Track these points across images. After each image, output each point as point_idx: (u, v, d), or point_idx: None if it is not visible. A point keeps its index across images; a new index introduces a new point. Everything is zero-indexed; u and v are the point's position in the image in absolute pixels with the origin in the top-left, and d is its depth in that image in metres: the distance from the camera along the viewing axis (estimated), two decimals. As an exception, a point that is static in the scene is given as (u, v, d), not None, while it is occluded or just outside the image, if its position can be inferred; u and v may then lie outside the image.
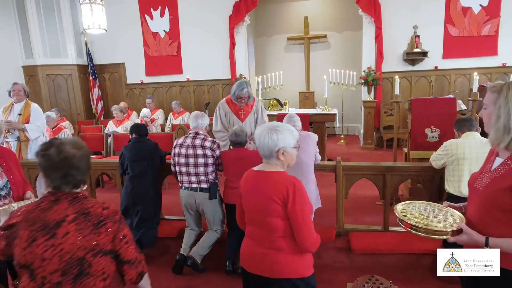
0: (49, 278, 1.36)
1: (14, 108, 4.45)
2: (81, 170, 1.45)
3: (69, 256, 1.36)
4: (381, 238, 3.45)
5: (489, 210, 1.44)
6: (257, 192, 1.77)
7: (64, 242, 1.36)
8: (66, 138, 1.53)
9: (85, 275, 1.39)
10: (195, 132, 3.31)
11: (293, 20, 9.59)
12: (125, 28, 8.22)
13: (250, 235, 1.87)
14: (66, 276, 1.36)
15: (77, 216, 1.40)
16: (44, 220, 1.38)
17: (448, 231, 1.47)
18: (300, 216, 1.68)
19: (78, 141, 1.51)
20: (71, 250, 1.36)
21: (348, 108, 8.53)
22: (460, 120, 3.08)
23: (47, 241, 1.36)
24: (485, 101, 1.52)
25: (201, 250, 3.28)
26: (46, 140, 5.89)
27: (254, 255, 1.81)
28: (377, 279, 2.19)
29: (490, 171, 1.51)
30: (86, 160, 1.48)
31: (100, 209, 1.45)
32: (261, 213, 1.75)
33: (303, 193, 1.71)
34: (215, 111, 4.12)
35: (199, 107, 8.20)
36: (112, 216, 1.47)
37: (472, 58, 7.08)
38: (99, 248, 1.40)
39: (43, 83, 7.97)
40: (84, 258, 1.38)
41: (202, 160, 3.21)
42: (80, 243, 1.37)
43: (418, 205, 1.73)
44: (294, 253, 1.74)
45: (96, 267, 1.40)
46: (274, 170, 1.79)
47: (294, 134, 1.82)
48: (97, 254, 1.40)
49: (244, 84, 3.88)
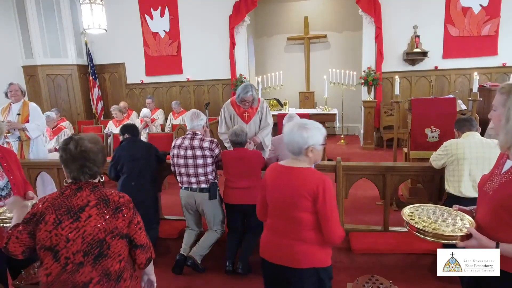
0: (72, 259, 1.51)
1: (12, 109, 4.45)
2: (96, 162, 1.61)
3: (91, 238, 1.52)
4: (381, 238, 3.45)
5: (498, 214, 1.41)
6: (283, 186, 1.84)
7: (87, 224, 1.53)
8: (84, 134, 1.68)
9: (104, 256, 1.54)
10: (192, 132, 3.30)
11: (293, 20, 9.58)
12: (125, 28, 8.22)
13: (272, 226, 1.94)
14: (87, 256, 1.51)
15: (98, 202, 1.57)
16: (68, 205, 1.55)
17: (457, 236, 1.45)
18: (329, 211, 1.76)
19: (95, 137, 1.69)
20: (93, 232, 1.52)
21: (348, 108, 8.53)
22: (460, 120, 3.08)
23: (71, 224, 1.52)
24: (494, 102, 1.48)
25: (201, 250, 3.28)
26: (47, 140, 5.88)
27: (276, 245, 1.88)
28: (377, 279, 2.20)
29: (500, 174, 1.48)
30: (101, 153, 1.65)
31: (117, 197, 1.62)
32: (287, 207, 1.82)
33: (332, 189, 1.79)
34: (220, 113, 4.11)
35: (199, 107, 8.18)
36: (128, 204, 1.63)
37: (472, 58, 7.08)
38: (117, 232, 1.56)
39: (43, 83, 7.96)
40: (104, 239, 1.54)
41: (201, 161, 3.21)
42: (101, 225, 1.54)
43: (426, 208, 1.70)
44: (318, 244, 1.82)
45: (114, 249, 1.56)
46: (302, 166, 1.85)
47: (322, 132, 1.88)
48: (115, 237, 1.56)
49: (250, 87, 3.84)
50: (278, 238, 1.88)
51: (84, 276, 1.51)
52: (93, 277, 1.52)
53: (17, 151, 4.43)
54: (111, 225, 1.55)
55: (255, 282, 3.15)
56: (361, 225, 3.71)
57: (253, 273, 3.26)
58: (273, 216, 1.94)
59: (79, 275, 1.51)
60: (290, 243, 1.83)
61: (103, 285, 1.54)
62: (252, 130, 4.03)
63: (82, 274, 1.51)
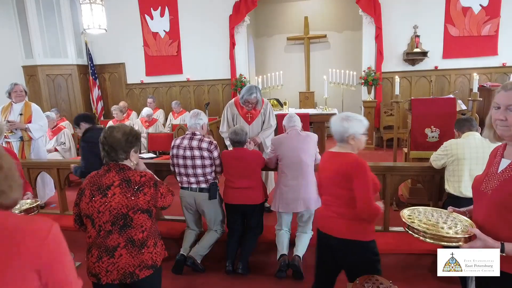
0: (103, 227, 1.87)
1: (13, 108, 4.46)
2: (117, 149, 1.92)
3: (116, 212, 1.85)
4: (381, 238, 3.41)
5: (501, 214, 1.40)
6: (330, 168, 2.16)
7: (112, 200, 1.86)
8: (115, 125, 2.02)
9: (128, 226, 1.88)
10: (191, 133, 3.27)
11: (293, 20, 9.58)
12: (125, 28, 8.22)
13: (324, 202, 2.28)
14: (114, 226, 1.87)
15: (121, 182, 1.89)
16: (99, 183, 1.90)
17: (461, 238, 1.43)
18: (361, 190, 2.01)
19: (124, 127, 2.00)
20: (117, 207, 1.85)
21: (348, 108, 8.50)
22: (460, 120, 3.08)
23: (101, 199, 1.86)
24: (498, 100, 1.43)
25: (201, 250, 3.28)
26: (47, 140, 5.90)
27: (325, 218, 2.23)
28: (377, 279, 2.19)
29: (496, 173, 1.46)
30: (124, 142, 1.94)
31: (138, 177, 1.93)
32: (332, 185, 2.15)
33: (365, 172, 2.03)
34: (223, 112, 4.09)
35: (199, 107, 8.17)
36: (148, 182, 1.94)
37: (472, 58, 7.07)
38: (137, 208, 1.88)
39: (43, 83, 7.96)
40: (127, 214, 1.86)
41: (200, 162, 3.20)
42: (123, 202, 1.86)
43: (423, 211, 1.68)
44: (354, 219, 2.08)
45: (136, 222, 1.89)
46: (345, 151, 2.14)
47: (363, 123, 2.14)
48: (136, 212, 1.88)
49: (254, 89, 3.82)
50: (327, 211, 2.21)
51: (113, 241, 1.87)
52: (120, 242, 1.88)
53: (18, 151, 4.45)
54: (132, 203, 1.87)
55: (255, 282, 3.16)
56: (361, 225, 3.70)
57: (253, 273, 3.26)
58: (323, 193, 2.30)
59: (109, 240, 1.87)
60: (333, 216, 2.15)
61: (128, 249, 1.89)
62: (254, 132, 4.02)
63: (111, 239, 1.87)
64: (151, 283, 1.99)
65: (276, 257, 3.19)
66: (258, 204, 3.34)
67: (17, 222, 1.08)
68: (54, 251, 1.10)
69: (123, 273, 1.89)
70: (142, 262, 1.91)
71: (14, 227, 1.06)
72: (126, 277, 1.89)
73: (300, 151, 3.18)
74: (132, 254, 1.89)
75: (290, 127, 3.32)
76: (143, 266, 1.92)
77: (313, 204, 3.19)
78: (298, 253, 3.15)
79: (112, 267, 1.88)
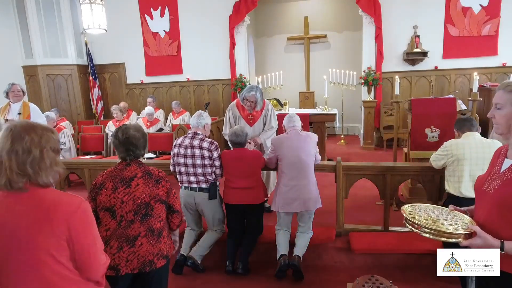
0: (125, 217, 1.99)
1: (11, 108, 4.48)
2: (138, 146, 2.10)
3: (140, 201, 1.99)
4: (381, 238, 3.45)
5: (503, 213, 1.40)
6: None
7: (136, 190, 2.00)
8: (130, 124, 2.18)
9: (149, 215, 2.01)
10: (193, 132, 3.28)
11: (293, 20, 9.58)
12: (125, 28, 8.21)
13: None
14: (136, 215, 1.99)
15: (143, 174, 2.05)
16: (122, 176, 2.04)
17: (461, 234, 1.43)
18: None
19: (137, 126, 2.17)
20: (140, 196, 1.99)
21: (348, 108, 8.53)
22: (460, 120, 3.07)
23: (125, 190, 2.00)
24: (498, 100, 1.44)
25: (201, 250, 3.28)
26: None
27: None
28: (377, 279, 2.19)
29: (499, 173, 1.46)
30: (142, 139, 2.12)
31: (157, 171, 2.10)
32: None
33: None
34: (225, 114, 4.09)
35: (199, 107, 8.19)
36: (165, 177, 2.12)
37: (472, 58, 7.07)
38: (158, 197, 2.04)
39: (43, 83, 7.96)
40: (149, 203, 2.01)
41: (200, 161, 3.20)
42: (147, 191, 2.01)
43: (424, 207, 1.69)
44: None
45: (156, 211, 2.04)
46: None
47: None
48: (157, 201, 2.04)
49: (255, 88, 3.83)
50: None
51: (134, 230, 1.99)
52: (141, 231, 2.00)
53: None
54: (154, 192, 2.03)
55: (255, 282, 3.16)
56: (361, 225, 3.71)
57: (253, 273, 3.26)
58: None
59: (130, 230, 1.98)
60: None
61: (148, 238, 2.00)
62: (256, 133, 4.03)
63: (132, 229, 1.99)
64: (165, 273, 2.13)
65: (276, 257, 3.19)
66: (258, 204, 3.34)
67: (53, 197, 1.27)
68: (81, 223, 1.26)
69: (143, 261, 1.99)
70: (160, 251, 2.04)
71: (50, 201, 1.25)
72: (145, 266, 1.99)
73: (300, 151, 3.18)
74: (152, 242, 2.01)
75: (290, 127, 3.33)
76: (160, 255, 2.04)
77: (313, 204, 3.19)
78: (298, 253, 3.15)
79: (132, 256, 1.98)
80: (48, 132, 1.32)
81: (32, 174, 1.24)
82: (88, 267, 1.32)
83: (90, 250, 1.31)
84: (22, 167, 1.22)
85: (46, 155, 1.28)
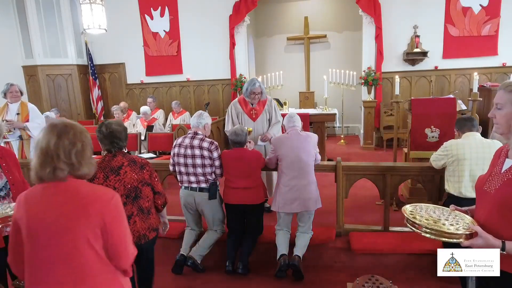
0: None
1: (10, 109, 4.49)
2: (121, 138, 2.35)
3: (130, 186, 2.31)
4: (381, 238, 3.45)
5: (503, 213, 1.40)
6: None
7: (125, 177, 2.30)
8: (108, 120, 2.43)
9: (138, 197, 2.35)
10: (194, 132, 3.29)
11: (293, 20, 9.58)
12: (125, 28, 8.21)
13: None
14: (128, 198, 2.31)
15: (129, 162, 2.34)
16: (110, 166, 2.31)
17: (462, 234, 1.43)
18: None
19: (119, 121, 2.47)
20: (129, 181, 2.31)
21: (348, 108, 8.52)
22: (461, 120, 3.05)
23: (115, 178, 2.29)
24: (499, 100, 1.44)
25: (201, 250, 3.28)
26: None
27: None
28: (377, 279, 2.19)
29: (500, 173, 1.46)
30: (124, 133, 2.38)
31: (140, 159, 2.41)
32: None
33: None
34: (227, 111, 4.12)
35: (199, 107, 8.19)
36: (147, 163, 2.42)
37: (472, 58, 7.07)
38: (144, 181, 2.37)
39: (43, 83, 7.96)
40: (137, 186, 2.34)
41: (200, 161, 3.20)
42: (134, 177, 2.32)
43: (425, 208, 1.69)
44: None
45: (144, 193, 2.37)
46: None
47: None
48: (144, 184, 2.37)
49: (255, 80, 3.94)
50: None
51: (127, 211, 2.25)
52: (134, 211, 2.33)
53: (18, 150, 4.48)
54: (140, 177, 2.34)
55: (255, 282, 3.16)
56: (361, 225, 3.71)
57: (253, 273, 3.26)
58: None
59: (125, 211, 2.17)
60: None
61: (140, 216, 2.36)
62: (259, 128, 4.05)
63: (126, 209, 2.14)
64: (154, 243, 2.52)
65: (276, 257, 3.19)
66: (258, 204, 3.34)
67: (89, 189, 1.41)
68: (114, 213, 1.39)
69: (138, 235, 2.34)
70: (150, 225, 2.41)
71: (85, 193, 1.37)
72: (141, 239, 2.37)
73: (300, 151, 3.18)
74: (143, 219, 2.37)
75: (290, 127, 3.32)
76: (151, 228, 2.42)
77: (313, 204, 3.19)
78: (298, 253, 3.15)
79: None
80: (83, 130, 1.48)
81: (76, 163, 1.38)
82: (119, 256, 1.41)
83: (121, 240, 1.40)
84: (68, 156, 1.36)
85: (86, 149, 1.44)
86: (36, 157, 1.38)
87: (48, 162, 1.35)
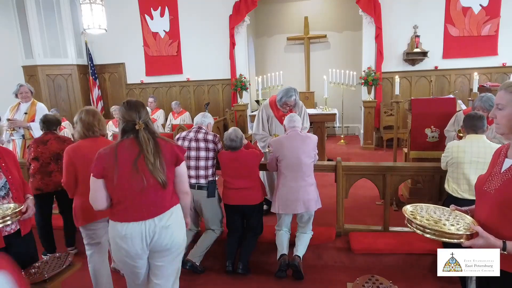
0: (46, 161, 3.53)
1: (20, 108, 4.63)
2: (58, 124, 3.54)
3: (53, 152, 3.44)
4: (381, 238, 3.45)
5: (504, 213, 1.40)
6: None
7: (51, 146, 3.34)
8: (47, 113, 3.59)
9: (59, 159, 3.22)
10: (198, 126, 3.39)
11: (293, 20, 9.58)
12: (125, 28, 8.22)
13: None
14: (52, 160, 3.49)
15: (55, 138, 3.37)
16: (41, 140, 3.41)
17: (463, 234, 1.42)
18: None
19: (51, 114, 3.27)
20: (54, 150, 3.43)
21: (348, 108, 8.53)
22: (469, 118, 2.85)
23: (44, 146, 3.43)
24: (500, 101, 1.44)
25: (199, 251, 3.28)
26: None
27: None
28: (377, 279, 2.19)
29: (499, 173, 1.46)
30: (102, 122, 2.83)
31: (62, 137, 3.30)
32: None
33: None
34: (257, 113, 4.03)
35: (199, 107, 8.20)
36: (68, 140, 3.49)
37: (472, 58, 7.07)
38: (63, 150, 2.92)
39: (43, 83, 7.96)
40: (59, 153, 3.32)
41: (204, 154, 3.25)
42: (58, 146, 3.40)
43: (425, 208, 1.68)
44: None
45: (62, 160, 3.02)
46: None
47: None
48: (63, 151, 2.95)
49: (293, 91, 3.76)
50: None
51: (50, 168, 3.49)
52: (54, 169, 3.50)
53: (20, 149, 4.54)
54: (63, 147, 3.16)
55: (255, 282, 3.16)
56: (361, 225, 3.71)
57: (253, 273, 3.26)
58: None
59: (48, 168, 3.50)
60: None
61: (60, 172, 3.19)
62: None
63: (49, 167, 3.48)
64: None
65: (276, 257, 3.19)
66: (257, 204, 3.34)
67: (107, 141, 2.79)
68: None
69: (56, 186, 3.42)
70: None
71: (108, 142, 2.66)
72: (57, 187, 3.38)
73: (300, 152, 3.17)
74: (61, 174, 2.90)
75: (290, 128, 3.32)
76: None
77: (313, 205, 3.19)
78: (298, 253, 3.15)
79: (49, 182, 3.46)
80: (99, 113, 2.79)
81: (102, 128, 2.80)
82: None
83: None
84: (99, 124, 2.74)
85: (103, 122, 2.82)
86: (81, 127, 2.67)
87: (91, 129, 2.69)
